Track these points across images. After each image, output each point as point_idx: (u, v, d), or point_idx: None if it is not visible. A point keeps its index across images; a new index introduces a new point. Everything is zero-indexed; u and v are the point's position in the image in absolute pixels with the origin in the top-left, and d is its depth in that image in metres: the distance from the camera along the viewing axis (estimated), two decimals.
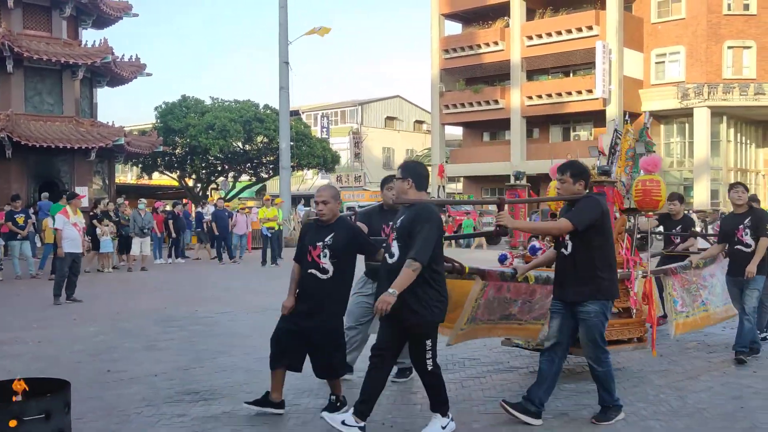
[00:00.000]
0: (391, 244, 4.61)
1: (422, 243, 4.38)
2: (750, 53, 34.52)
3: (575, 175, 4.98)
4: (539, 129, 39.48)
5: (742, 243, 6.78)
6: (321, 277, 4.92)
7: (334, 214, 5.03)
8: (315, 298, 4.94)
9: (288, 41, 26.20)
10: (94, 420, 5.08)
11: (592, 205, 4.89)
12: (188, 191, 34.86)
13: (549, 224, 5.22)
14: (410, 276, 4.34)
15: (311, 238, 5.01)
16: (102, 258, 16.97)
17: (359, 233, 5.15)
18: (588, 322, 4.84)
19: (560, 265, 5.03)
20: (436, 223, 4.52)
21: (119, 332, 8.68)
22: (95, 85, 25.72)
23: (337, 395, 5.13)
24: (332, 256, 4.90)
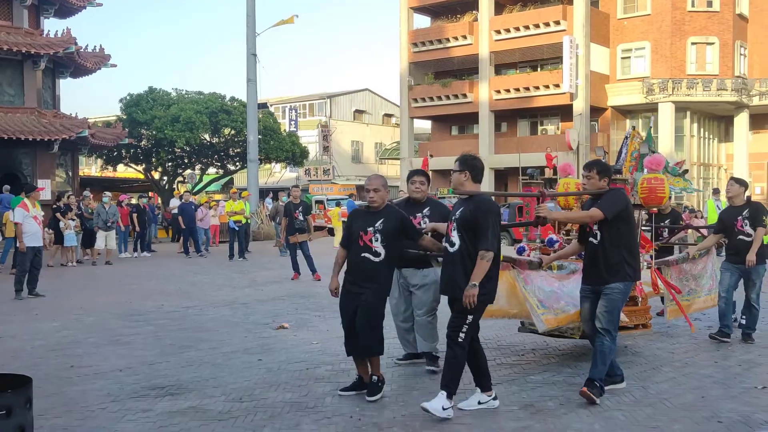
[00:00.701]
0: (451, 234, 4.99)
1: (489, 233, 4.81)
2: (713, 49, 35.11)
3: (601, 172, 5.52)
4: (507, 123, 39.70)
5: (744, 233, 7.41)
6: (374, 260, 5.28)
7: (383, 201, 5.41)
8: (367, 279, 5.27)
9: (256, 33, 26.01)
10: (56, 416, 5.00)
11: (619, 197, 5.45)
12: (154, 184, 34.42)
13: (582, 213, 5.64)
14: (485, 266, 4.77)
15: (361, 225, 5.37)
16: (65, 252, 16.71)
17: (406, 219, 5.51)
18: (611, 296, 5.30)
19: (590, 253, 5.48)
20: (496, 214, 4.95)
21: (83, 327, 8.56)
22: (58, 75, 25.24)
23: (377, 375, 5.37)
24: (383, 240, 5.28)
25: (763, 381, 5.80)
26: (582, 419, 4.84)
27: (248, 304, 10.28)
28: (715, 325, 7.71)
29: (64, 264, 16.55)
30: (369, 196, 5.39)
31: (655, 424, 4.74)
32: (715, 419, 4.83)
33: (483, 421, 4.82)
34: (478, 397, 5.07)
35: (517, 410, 5.04)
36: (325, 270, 13.93)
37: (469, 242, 4.87)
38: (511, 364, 6.41)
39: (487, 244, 4.79)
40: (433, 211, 6.17)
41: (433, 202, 6.37)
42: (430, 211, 6.18)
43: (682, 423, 4.76)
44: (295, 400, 5.34)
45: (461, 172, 5.07)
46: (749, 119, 36.45)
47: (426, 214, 6.12)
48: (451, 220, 5.07)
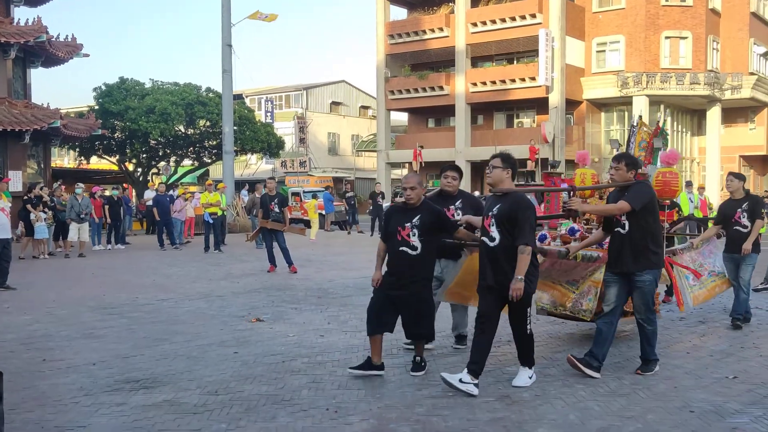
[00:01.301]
0: (489, 229, 5.33)
1: (528, 229, 5.20)
2: (686, 43, 35.49)
3: (629, 164, 5.83)
4: (483, 116, 39.82)
5: (740, 224, 7.91)
6: (411, 254, 5.61)
7: (419, 198, 5.73)
8: (406, 272, 5.62)
9: (231, 23, 25.78)
10: (28, 410, 4.93)
11: (645, 189, 5.78)
12: (128, 176, 34.04)
13: (612, 206, 5.86)
14: (527, 260, 5.16)
15: (399, 220, 5.71)
16: (37, 244, 16.48)
17: (442, 214, 5.86)
18: (644, 289, 5.71)
19: (616, 243, 5.79)
20: (533, 210, 5.37)
21: (55, 320, 8.44)
22: (29, 65, 24.78)
23: (420, 356, 5.85)
24: (420, 235, 5.61)
25: (734, 371, 5.90)
26: (557, 410, 4.88)
27: (224, 297, 10.22)
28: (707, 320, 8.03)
29: (36, 256, 16.32)
30: (406, 193, 5.69)
31: (629, 414, 4.79)
32: (687, 409, 4.89)
33: (458, 412, 4.84)
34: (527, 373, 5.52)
35: (493, 401, 5.07)
36: (301, 262, 13.95)
37: (509, 237, 5.22)
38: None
39: (525, 239, 5.16)
40: (465, 203, 6.53)
41: (464, 194, 6.73)
42: (462, 203, 6.52)
43: (656, 413, 4.81)
44: (271, 392, 5.32)
45: (504, 169, 5.40)
46: (721, 113, 36.92)
47: (458, 206, 6.45)
48: (488, 216, 5.38)
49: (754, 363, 6.21)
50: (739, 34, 37.53)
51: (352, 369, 5.77)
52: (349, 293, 10.40)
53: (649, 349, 5.85)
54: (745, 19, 37.66)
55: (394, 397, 5.20)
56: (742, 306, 7.88)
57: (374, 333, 5.73)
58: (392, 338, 7.07)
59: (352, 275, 12.49)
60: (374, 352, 5.75)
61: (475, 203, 6.65)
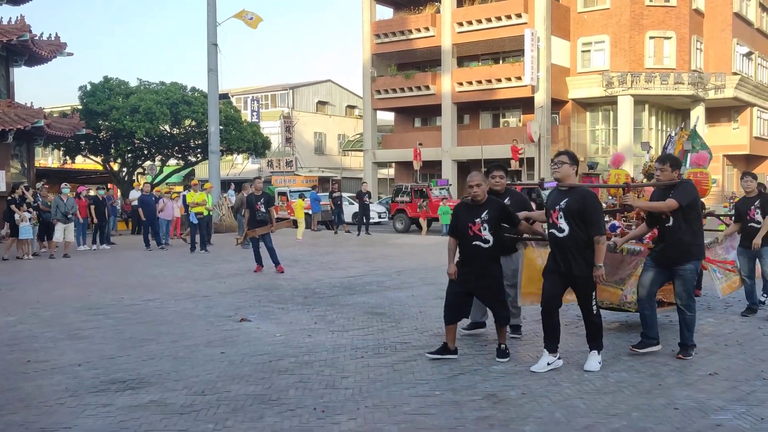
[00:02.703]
0: (558, 222, 5.74)
1: (599, 220, 5.70)
2: (670, 43, 35.76)
3: (673, 165, 6.43)
4: (469, 115, 39.94)
5: (754, 221, 8.43)
6: (484, 247, 6.05)
7: (485, 194, 6.11)
8: (482, 263, 6.07)
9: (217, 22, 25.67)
10: (13, 412, 4.90)
11: (691, 188, 6.32)
12: (113, 176, 33.82)
13: (662, 203, 6.31)
14: (603, 249, 5.70)
15: (468, 217, 6.10)
16: (21, 245, 16.35)
17: (507, 208, 6.23)
18: (685, 277, 6.24)
19: (663, 234, 6.33)
20: (599, 202, 5.91)
21: (40, 321, 8.38)
22: (12, 64, 24.56)
23: (505, 344, 6.26)
24: (490, 228, 6.04)
25: (718, 368, 5.95)
26: (543, 408, 4.91)
27: (210, 297, 10.18)
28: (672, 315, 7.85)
29: (20, 257, 16.19)
30: (473, 191, 6.07)
31: (615, 411, 4.83)
32: (671, 406, 4.94)
33: (445, 410, 4.85)
34: (547, 359, 5.88)
35: (480, 400, 5.09)
36: (288, 262, 13.92)
37: (578, 228, 5.66)
38: (474, 354, 6.46)
39: (600, 230, 5.66)
40: (513, 200, 6.83)
41: (511, 192, 7.04)
42: (509, 200, 6.78)
43: (640, 410, 4.85)
44: (258, 392, 5.32)
45: (571, 166, 5.82)
46: (705, 113, 37.23)
47: (507, 203, 6.58)
48: (555, 209, 5.78)
49: (738, 360, 6.27)
50: (722, 35, 37.88)
51: (430, 354, 6.23)
52: (336, 293, 10.40)
53: (688, 334, 6.33)
54: (728, 20, 38.01)
55: (382, 396, 5.21)
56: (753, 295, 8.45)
57: (452, 322, 6.20)
58: (380, 338, 7.09)
59: (339, 275, 12.48)
60: (450, 339, 6.22)
61: (521, 199, 7.07)
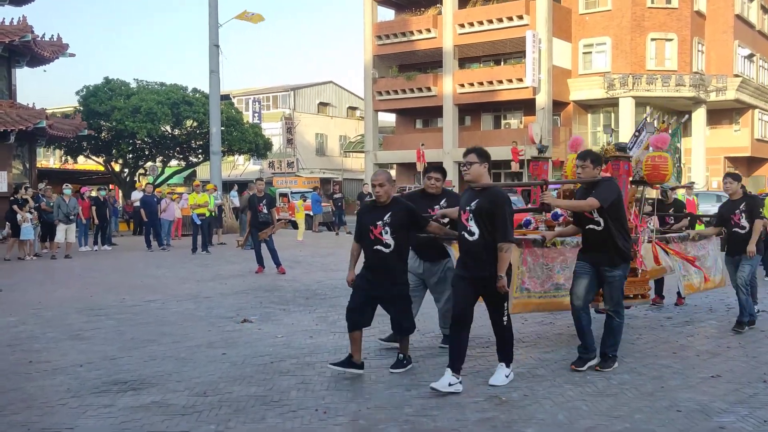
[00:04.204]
0: (468, 224, 5.32)
1: (506, 224, 5.23)
2: (672, 45, 35.73)
3: (594, 161, 6.00)
4: (471, 116, 39.90)
5: (739, 226, 7.79)
6: (385, 251, 5.64)
7: (389, 195, 5.71)
8: (382, 270, 5.67)
9: (218, 24, 25.68)
10: (15, 413, 4.90)
11: (613, 187, 5.91)
12: (115, 176, 33.83)
13: (582, 202, 5.94)
14: (508, 258, 5.24)
15: (370, 219, 5.70)
16: (22, 245, 16.36)
17: (413, 210, 5.82)
18: (614, 284, 5.91)
19: (591, 238, 5.94)
20: (510, 205, 5.37)
21: (41, 322, 8.38)
22: (14, 65, 24.58)
23: (404, 354, 5.91)
24: (392, 232, 5.62)
25: (721, 371, 5.94)
26: (546, 410, 4.90)
27: (212, 298, 10.18)
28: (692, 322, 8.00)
29: (22, 258, 16.19)
30: (375, 191, 5.67)
31: (617, 413, 4.82)
32: (674, 408, 4.93)
33: (447, 412, 4.84)
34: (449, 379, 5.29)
35: (482, 401, 5.08)
36: (289, 263, 13.92)
37: (488, 232, 5.24)
38: (476, 356, 6.45)
39: (507, 236, 5.22)
40: (450, 202, 6.43)
41: (449, 193, 6.69)
42: (447, 202, 6.46)
43: (643, 412, 4.85)
44: (260, 393, 5.31)
45: (481, 164, 5.38)
46: (706, 115, 37.20)
47: (443, 205, 6.40)
48: (465, 210, 5.36)
49: (741, 363, 6.26)
50: (723, 37, 37.83)
51: (333, 364, 5.78)
52: (337, 294, 10.39)
53: (611, 343, 5.98)
54: (729, 22, 37.97)
55: (383, 397, 5.20)
56: (746, 308, 7.71)
57: (352, 329, 5.77)
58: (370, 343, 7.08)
59: (341, 276, 12.48)
60: (355, 349, 5.77)
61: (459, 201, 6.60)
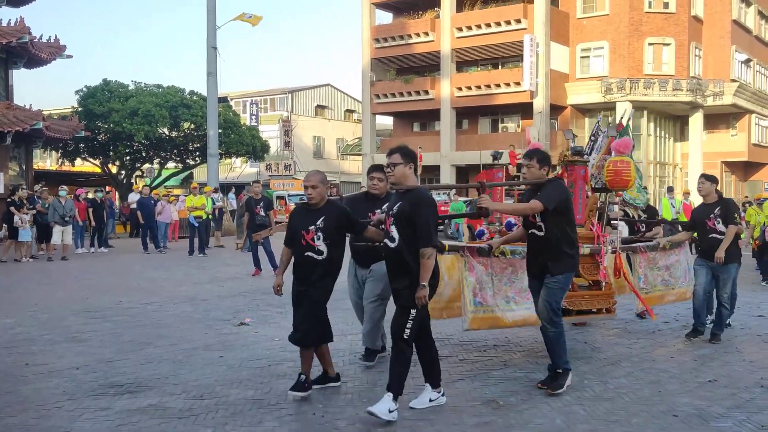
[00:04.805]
0: (390, 229, 4.82)
1: (428, 228, 4.68)
2: (669, 50, 35.81)
3: (540, 161, 5.45)
4: (468, 120, 39.95)
5: (716, 231, 7.21)
6: (317, 258, 5.18)
7: (323, 198, 5.23)
8: (314, 278, 5.21)
9: (216, 26, 25.69)
10: (11, 415, 4.88)
11: (559, 188, 5.40)
12: (112, 178, 33.80)
13: (523, 205, 5.54)
14: (430, 265, 4.64)
15: (302, 223, 5.21)
16: (19, 247, 16.32)
17: (348, 214, 5.34)
18: (551, 287, 5.34)
19: (533, 245, 5.48)
20: (433, 207, 4.84)
21: (38, 324, 8.36)
22: (11, 66, 24.55)
23: (306, 374, 5.27)
24: (325, 238, 5.15)
25: (718, 375, 5.94)
26: (544, 414, 4.89)
27: (209, 301, 10.16)
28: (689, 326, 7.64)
29: (18, 259, 16.16)
30: (307, 193, 5.20)
31: (615, 418, 4.82)
32: (671, 413, 4.93)
33: (445, 417, 4.84)
34: (429, 395, 5.02)
35: (480, 406, 5.08)
36: None
37: (408, 237, 4.71)
38: (473, 360, 6.45)
39: (428, 241, 4.66)
40: None
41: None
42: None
43: (640, 417, 4.84)
44: (257, 397, 5.30)
45: (406, 165, 4.85)
46: (703, 119, 37.30)
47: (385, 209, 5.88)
48: (389, 215, 4.87)
49: (738, 367, 6.27)
50: (720, 42, 37.93)
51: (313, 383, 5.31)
52: (334, 297, 10.28)
53: (556, 357, 5.40)
54: (727, 27, 38.07)
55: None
56: (723, 322, 7.39)
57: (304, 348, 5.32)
58: None
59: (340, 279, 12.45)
60: (325, 363, 5.41)
61: None
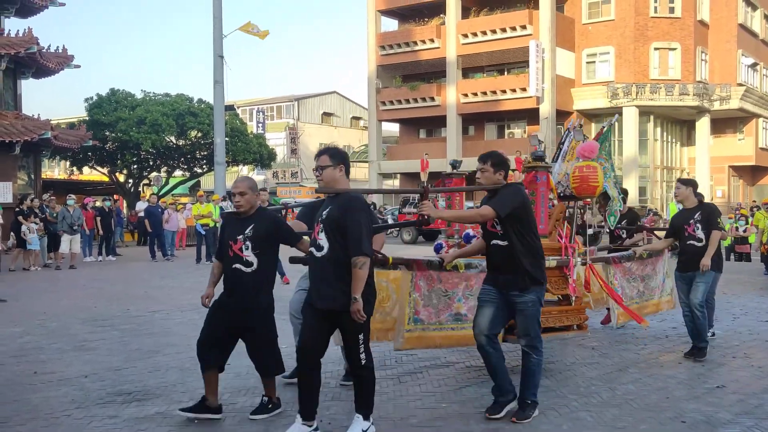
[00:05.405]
0: (318, 236, 4.39)
1: (360, 235, 4.24)
2: (675, 54, 35.78)
3: (496, 164, 4.94)
4: (474, 126, 39.97)
5: (694, 238, 6.79)
6: (246, 271, 4.78)
7: (252, 206, 4.88)
8: (243, 293, 4.80)
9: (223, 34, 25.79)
10: (20, 424, 4.90)
11: (514, 193, 4.86)
12: (119, 187, 33.94)
13: (472, 212, 5.18)
14: (363, 275, 4.23)
15: (231, 233, 4.86)
16: (27, 256, 16.40)
17: (280, 223, 5.04)
18: (526, 312, 4.85)
19: (494, 257, 4.97)
20: (367, 212, 4.39)
21: (46, 332, 8.39)
22: (19, 76, 24.72)
23: (270, 396, 5.04)
24: (254, 248, 4.77)
25: (726, 381, 5.92)
26: (550, 420, 4.88)
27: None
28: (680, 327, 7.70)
29: (27, 268, 16.23)
30: (235, 200, 4.84)
31: (622, 424, 4.81)
32: (679, 419, 4.91)
33: (452, 423, 4.84)
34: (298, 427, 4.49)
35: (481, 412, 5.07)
36: (293, 273, 13.88)
37: (339, 246, 4.30)
38: (480, 366, 6.42)
39: (361, 249, 4.23)
40: None
41: None
42: None
43: (648, 423, 4.83)
44: None
45: (336, 167, 4.44)
46: (710, 124, 37.22)
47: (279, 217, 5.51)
48: (318, 221, 4.45)
49: (746, 373, 6.24)
50: (727, 46, 37.88)
51: (183, 410, 4.91)
52: None
53: (530, 386, 4.93)
54: (733, 31, 38.03)
55: (388, 408, 5.19)
56: (703, 332, 6.80)
57: (205, 367, 4.92)
58: (385, 348, 7.06)
59: None
60: (209, 390, 4.94)
61: None
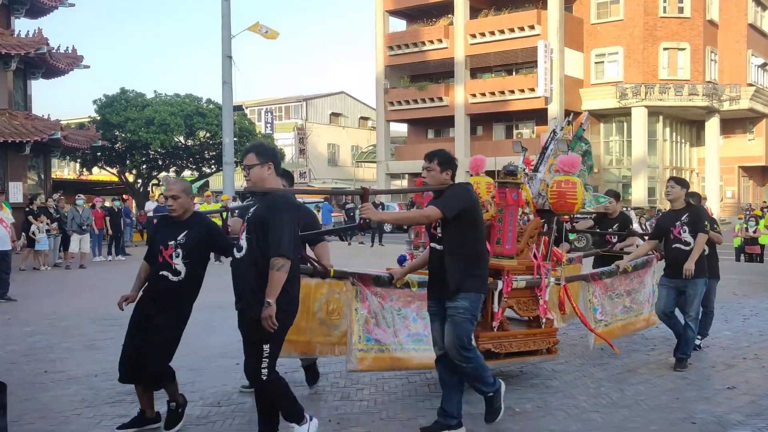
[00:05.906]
0: (241, 237, 4.14)
1: (280, 235, 3.93)
2: (684, 55, 35.64)
3: (443, 163, 4.59)
4: (483, 126, 39.91)
5: (681, 241, 6.32)
6: (173, 279, 4.52)
7: (186, 210, 4.65)
8: (166, 302, 4.54)
9: (231, 35, 25.86)
10: (30, 422, 4.93)
11: (461, 193, 4.54)
12: (129, 187, 34.07)
13: (416, 212, 4.97)
14: (281, 278, 3.90)
15: (162, 237, 4.61)
16: (37, 256, 16.48)
17: (214, 229, 4.77)
18: (456, 318, 4.39)
19: (433, 262, 4.61)
20: (293, 213, 4.07)
21: (56, 332, 8.44)
22: (29, 76, 24.84)
23: (176, 401, 4.70)
24: (185, 256, 4.52)
25: (736, 382, 5.89)
26: (559, 421, 4.88)
27: (225, 308, 10.14)
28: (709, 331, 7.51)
29: (37, 268, 16.31)
30: (168, 203, 4.63)
31: (632, 425, 4.79)
32: (689, 420, 4.89)
33: None
34: None
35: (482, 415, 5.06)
36: None
37: (258, 247, 4.00)
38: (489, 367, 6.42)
39: (280, 250, 3.90)
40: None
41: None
42: None
43: (658, 424, 4.82)
44: None
45: (263, 165, 4.12)
46: (720, 124, 37.05)
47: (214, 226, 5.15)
48: (244, 221, 4.20)
49: (757, 374, 6.21)
50: (736, 46, 37.72)
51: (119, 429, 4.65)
52: None
53: (482, 385, 4.54)
54: (742, 31, 37.86)
55: (396, 408, 5.20)
56: (689, 346, 6.44)
57: (122, 380, 4.64)
58: None
59: None
60: (144, 404, 4.69)
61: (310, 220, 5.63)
